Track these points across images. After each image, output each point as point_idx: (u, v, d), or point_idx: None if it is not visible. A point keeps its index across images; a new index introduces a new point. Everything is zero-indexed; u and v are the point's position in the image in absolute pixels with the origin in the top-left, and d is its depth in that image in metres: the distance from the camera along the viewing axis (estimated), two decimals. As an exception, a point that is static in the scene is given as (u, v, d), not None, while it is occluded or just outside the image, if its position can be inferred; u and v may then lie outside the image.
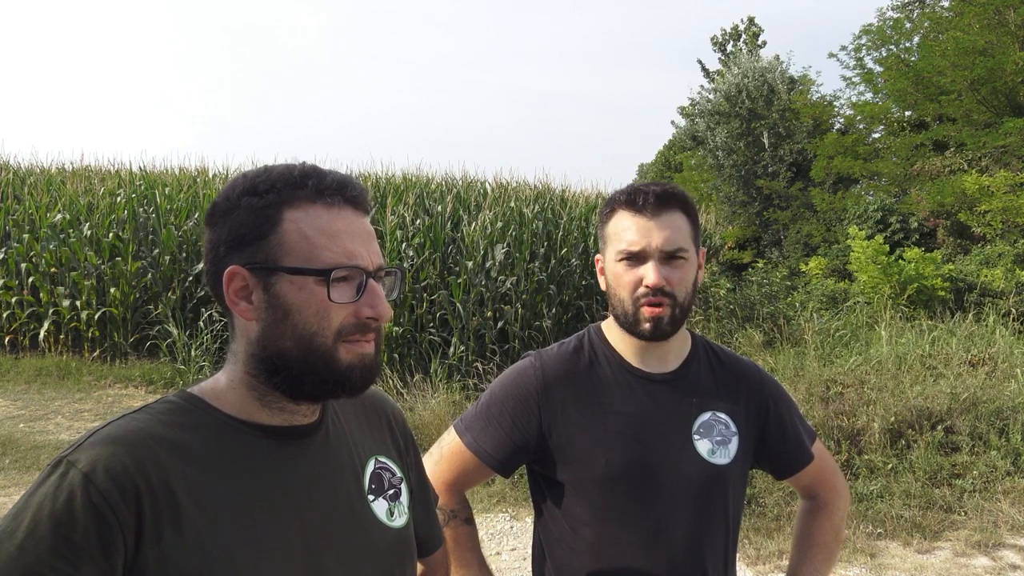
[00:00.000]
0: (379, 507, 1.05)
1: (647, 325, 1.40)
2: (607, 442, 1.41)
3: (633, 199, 1.41)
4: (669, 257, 1.39)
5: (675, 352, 1.50)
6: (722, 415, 1.47)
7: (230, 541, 0.88)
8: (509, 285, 8.38)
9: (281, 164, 0.98)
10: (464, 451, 1.47)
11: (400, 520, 1.08)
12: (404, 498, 1.11)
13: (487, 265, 8.45)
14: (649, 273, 1.38)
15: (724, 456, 1.44)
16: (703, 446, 1.43)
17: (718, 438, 1.45)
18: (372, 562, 1.01)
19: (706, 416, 1.46)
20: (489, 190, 10.85)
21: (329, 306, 0.93)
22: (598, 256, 1.52)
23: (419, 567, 1.20)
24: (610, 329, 1.52)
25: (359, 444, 1.08)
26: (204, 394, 0.98)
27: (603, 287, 1.51)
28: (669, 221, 1.40)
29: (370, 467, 1.08)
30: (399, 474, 1.12)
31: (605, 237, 1.48)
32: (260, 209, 0.93)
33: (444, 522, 1.40)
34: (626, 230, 1.41)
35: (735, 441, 1.46)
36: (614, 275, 1.43)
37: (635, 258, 1.40)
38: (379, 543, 1.03)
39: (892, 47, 14.71)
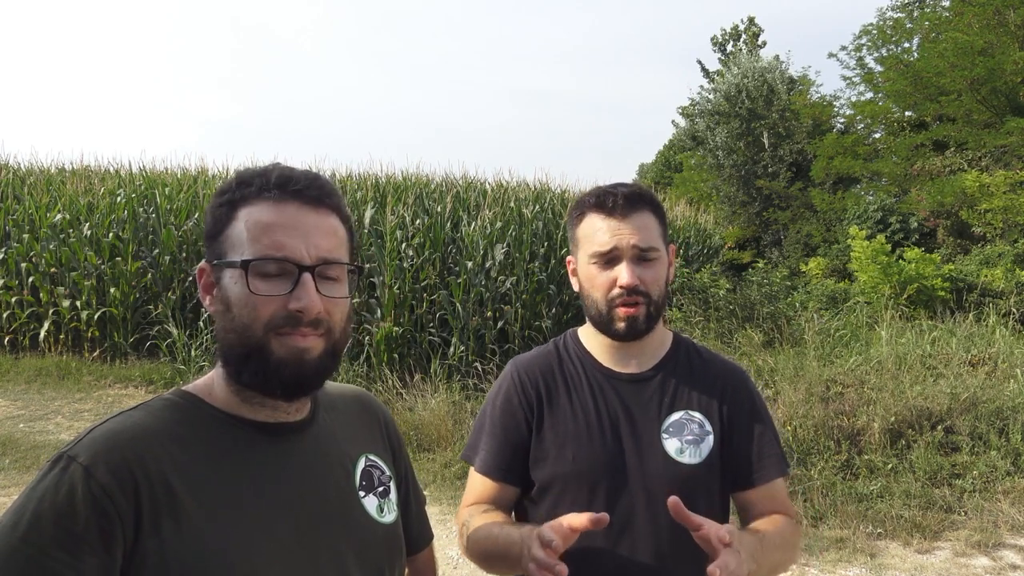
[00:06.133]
0: (369, 503, 1.08)
1: (622, 324, 1.42)
2: (574, 440, 1.43)
3: (603, 201, 1.42)
4: (641, 257, 1.41)
5: (650, 352, 1.50)
6: (696, 414, 1.46)
7: (225, 532, 0.91)
8: (509, 285, 8.38)
9: (249, 167, 1.03)
10: (476, 476, 1.49)
11: (390, 516, 1.10)
12: (393, 496, 1.13)
13: (487, 265, 8.45)
14: (623, 274, 1.39)
15: (695, 456, 1.42)
16: (671, 445, 1.43)
17: (689, 437, 1.43)
18: (362, 555, 1.03)
19: (677, 415, 1.45)
20: (489, 190, 10.84)
21: (253, 298, 0.94)
22: (569, 258, 1.53)
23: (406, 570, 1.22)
24: (585, 333, 1.55)
25: (350, 441, 1.11)
26: (198, 391, 1.00)
27: (576, 288, 1.52)
28: (639, 221, 1.42)
29: (361, 464, 1.10)
30: (388, 472, 1.14)
31: (576, 240, 1.49)
32: (218, 208, 0.99)
33: (467, 526, 1.43)
34: (597, 231, 1.42)
35: (709, 441, 1.44)
36: (587, 277, 1.45)
37: (608, 259, 1.41)
38: (369, 537, 1.05)
39: (892, 47, 14.71)
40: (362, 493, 1.07)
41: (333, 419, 1.10)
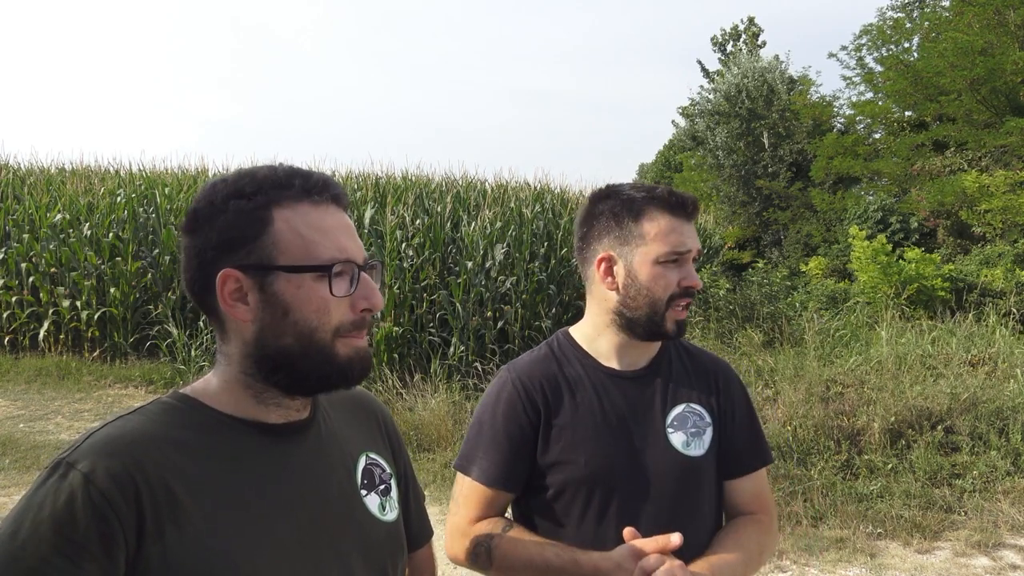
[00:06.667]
0: (371, 501, 1.08)
1: (672, 325, 1.45)
2: (584, 442, 1.42)
3: (681, 203, 1.46)
4: (695, 260, 1.48)
5: (650, 350, 1.53)
6: (695, 406, 1.49)
7: (228, 536, 0.90)
8: (509, 285, 8.38)
9: (262, 166, 0.99)
10: (476, 487, 1.46)
11: (391, 514, 1.10)
12: (394, 493, 1.13)
13: (487, 265, 8.45)
14: (694, 275, 1.45)
15: (699, 447, 1.46)
16: (677, 438, 1.45)
17: (692, 429, 1.47)
18: (366, 555, 1.03)
19: (679, 408, 1.48)
20: (489, 190, 10.84)
21: (329, 301, 0.95)
22: (607, 253, 1.47)
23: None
24: (581, 333, 1.55)
25: (350, 440, 1.11)
26: (197, 394, 0.99)
27: (610, 287, 1.47)
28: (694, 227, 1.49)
29: (361, 463, 1.10)
30: (389, 470, 1.14)
31: (632, 235, 1.45)
32: (250, 211, 0.95)
33: (489, 547, 1.41)
34: (673, 232, 1.44)
35: (709, 432, 1.49)
36: (652, 275, 1.44)
37: (675, 260, 1.44)
38: (372, 536, 1.05)
39: (892, 47, 14.72)
40: (364, 492, 1.07)
41: (333, 418, 1.10)
